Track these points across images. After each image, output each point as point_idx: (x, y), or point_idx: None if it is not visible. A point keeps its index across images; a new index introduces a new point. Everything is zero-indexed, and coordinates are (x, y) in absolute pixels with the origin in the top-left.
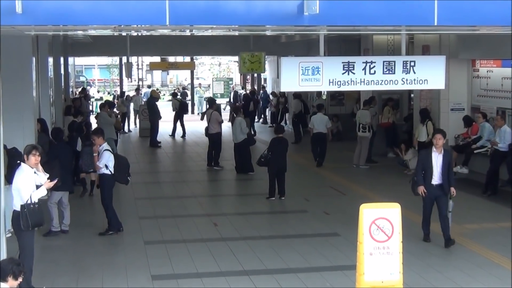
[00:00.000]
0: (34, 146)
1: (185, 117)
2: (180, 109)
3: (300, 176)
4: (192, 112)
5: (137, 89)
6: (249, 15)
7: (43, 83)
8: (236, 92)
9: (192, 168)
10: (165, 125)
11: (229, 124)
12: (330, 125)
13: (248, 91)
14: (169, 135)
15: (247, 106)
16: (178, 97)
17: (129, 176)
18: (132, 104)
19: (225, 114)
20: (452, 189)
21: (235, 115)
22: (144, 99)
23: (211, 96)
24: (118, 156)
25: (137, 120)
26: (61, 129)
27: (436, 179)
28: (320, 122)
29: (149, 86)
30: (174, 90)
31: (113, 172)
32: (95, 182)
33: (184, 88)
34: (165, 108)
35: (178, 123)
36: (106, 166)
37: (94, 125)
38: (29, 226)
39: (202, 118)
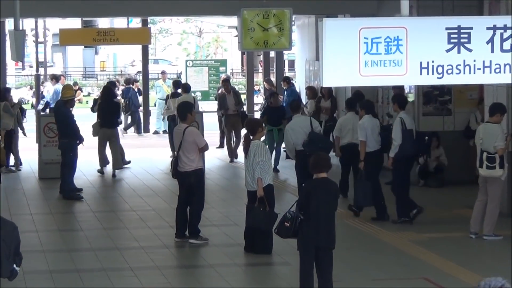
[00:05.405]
0: None
1: (130, 138)
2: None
3: (362, 254)
4: (144, 130)
5: (130, 81)
6: None
7: None
8: (235, 90)
9: (146, 241)
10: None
11: (222, 151)
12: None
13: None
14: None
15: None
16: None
17: (18, 263)
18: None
19: (213, 135)
20: None
21: (251, 136)
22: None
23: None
24: None
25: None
26: None
27: None
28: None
29: (56, 78)
30: (111, 80)
31: None
32: None
33: (128, 82)
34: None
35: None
36: None
37: None
38: None
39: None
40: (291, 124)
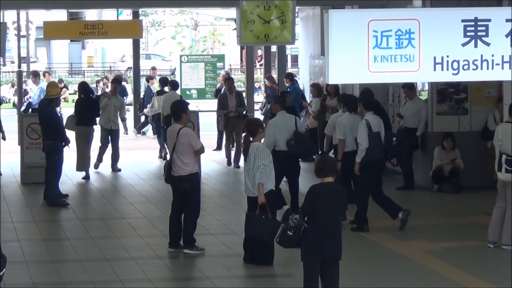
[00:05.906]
0: None
1: (121, 141)
2: None
3: (370, 265)
4: (133, 131)
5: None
6: None
7: None
8: (237, 91)
9: (137, 251)
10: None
11: (220, 154)
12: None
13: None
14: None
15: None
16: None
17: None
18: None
19: (209, 136)
20: None
21: (251, 138)
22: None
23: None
24: None
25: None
26: None
27: None
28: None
29: (37, 75)
30: (102, 79)
31: None
32: None
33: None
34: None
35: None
36: None
37: None
38: None
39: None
40: (276, 120)
